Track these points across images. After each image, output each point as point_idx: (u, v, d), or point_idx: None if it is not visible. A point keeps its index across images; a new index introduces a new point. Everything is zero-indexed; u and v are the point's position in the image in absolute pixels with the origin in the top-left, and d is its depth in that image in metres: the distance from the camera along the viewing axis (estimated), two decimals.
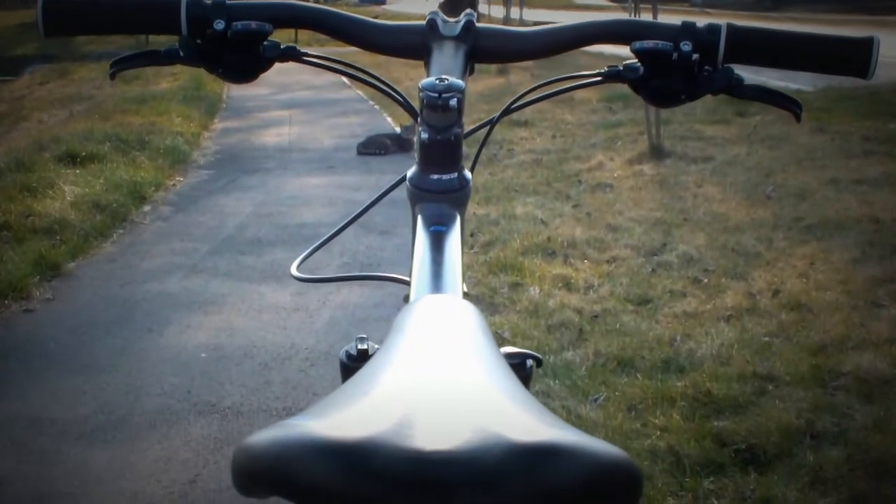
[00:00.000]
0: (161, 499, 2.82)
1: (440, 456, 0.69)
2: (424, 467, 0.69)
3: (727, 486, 2.77)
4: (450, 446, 0.70)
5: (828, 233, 5.28)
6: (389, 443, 0.70)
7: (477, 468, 0.69)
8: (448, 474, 0.69)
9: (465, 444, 0.70)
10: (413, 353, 0.88)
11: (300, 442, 0.72)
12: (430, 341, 0.90)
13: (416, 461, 0.69)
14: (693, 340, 3.81)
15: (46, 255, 5.07)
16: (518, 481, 0.69)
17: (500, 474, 0.69)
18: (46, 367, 3.78)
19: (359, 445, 0.70)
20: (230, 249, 5.40)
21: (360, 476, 0.69)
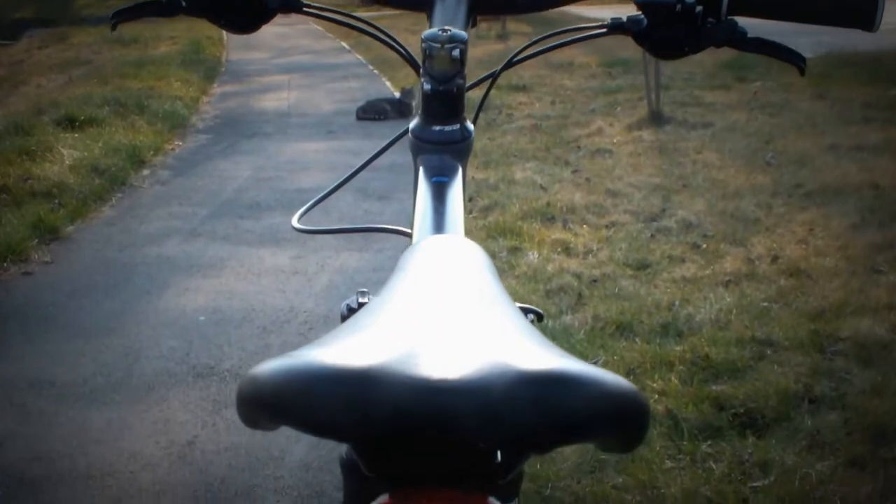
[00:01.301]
0: (159, 459, 2.83)
1: (446, 385, 0.68)
2: (430, 396, 0.68)
3: (725, 449, 2.78)
4: (456, 375, 0.69)
5: (827, 199, 5.26)
6: (395, 371, 0.69)
7: (484, 397, 0.68)
8: (454, 403, 0.68)
9: (471, 373, 0.69)
10: (418, 289, 0.86)
11: (306, 371, 0.71)
12: (434, 277, 0.89)
13: (421, 390, 0.68)
14: (692, 305, 3.81)
15: (45, 218, 5.06)
16: (525, 410, 0.68)
17: (507, 403, 0.68)
18: (45, 329, 3.79)
19: (364, 374, 0.69)
20: (229, 213, 5.39)
21: (365, 404, 0.68)
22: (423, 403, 0.67)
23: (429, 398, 0.67)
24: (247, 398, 0.76)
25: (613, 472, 2.65)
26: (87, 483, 2.72)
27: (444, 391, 0.67)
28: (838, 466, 2.68)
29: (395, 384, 0.68)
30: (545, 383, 0.68)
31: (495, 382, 0.68)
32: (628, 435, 0.75)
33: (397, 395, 0.68)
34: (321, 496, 2.63)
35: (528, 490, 2.54)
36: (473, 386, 0.68)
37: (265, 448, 2.88)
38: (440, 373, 0.68)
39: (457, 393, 0.68)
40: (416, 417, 0.68)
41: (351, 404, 0.68)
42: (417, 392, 0.68)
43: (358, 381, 0.68)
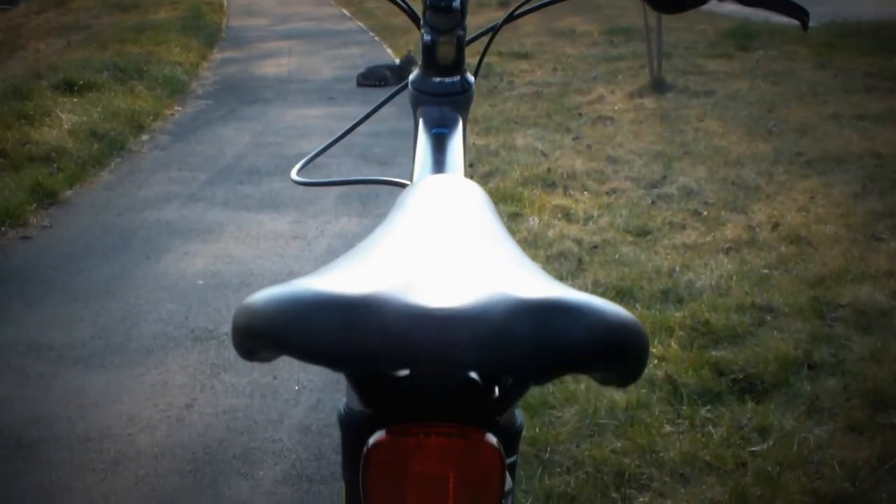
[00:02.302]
0: (158, 422, 2.83)
1: (443, 312, 0.67)
2: (427, 324, 0.67)
3: (724, 414, 2.77)
4: (453, 304, 0.67)
5: (828, 167, 5.24)
6: (392, 299, 0.68)
7: (481, 324, 0.67)
8: (451, 331, 0.67)
9: (469, 302, 0.68)
10: (416, 223, 0.85)
11: (302, 297, 0.70)
12: (433, 213, 0.88)
13: (418, 317, 0.67)
14: (692, 271, 3.80)
15: (44, 182, 5.04)
16: (523, 338, 0.67)
17: (505, 330, 0.67)
18: (44, 293, 3.78)
19: (361, 301, 0.68)
20: (228, 179, 5.37)
21: (361, 331, 0.67)
22: (419, 331, 0.66)
23: (426, 326, 0.66)
24: (243, 327, 0.75)
25: (612, 436, 2.65)
26: (85, 445, 2.71)
27: (442, 319, 0.66)
28: (837, 431, 2.68)
29: (391, 311, 0.67)
30: (544, 311, 0.67)
31: (493, 310, 0.67)
32: (627, 366, 0.74)
33: (394, 322, 0.67)
34: (320, 459, 2.62)
35: (527, 454, 2.54)
36: (471, 314, 0.67)
37: (264, 411, 2.88)
38: (437, 301, 0.67)
39: (454, 320, 0.66)
40: (412, 345, 0.67)
41: (347, 331, 0.67)
42: (414, 320, 0.67)
43: (354, 307, 0.67)
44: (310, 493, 2.47)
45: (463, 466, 0.74)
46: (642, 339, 0.74)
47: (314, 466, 2.59)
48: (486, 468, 0.75)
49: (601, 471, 2.49)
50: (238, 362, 3.17)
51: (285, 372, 3.10)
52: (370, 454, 0.75)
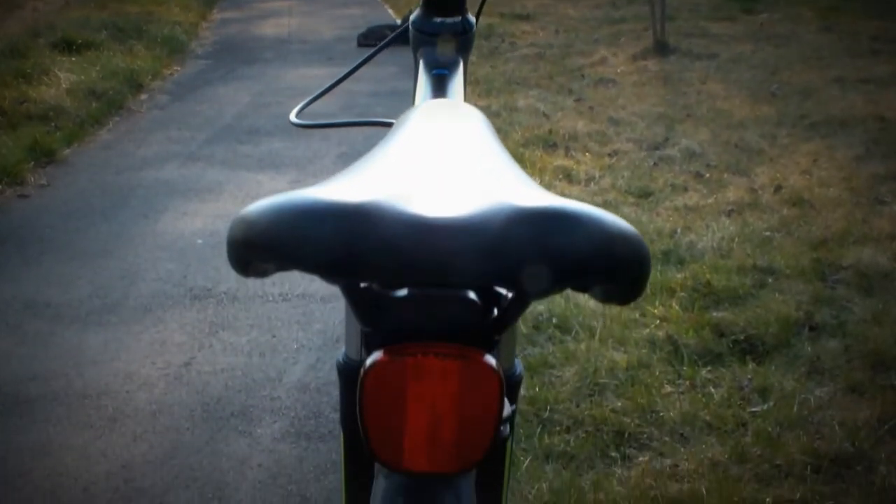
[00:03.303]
0: (156, 380, 2.81)
1: (442, 221, 0.65)
2: (425, 233, 0.65)
3: (724, 375, 2.76)
4: (452, 213, 0.66)
5: (832, 130, 5.21)
6: (390, 208, 0.66)
7: (480, 233, 0.65)
8: (450, 240, 0.65)
9: (468, 211, 0.66)
10: (416, 140, 0.84)
11: (299, 206, 0.68)
12: (434, 130, 0.86)
13: (416, 226, 0.65)
14: (694, 233, 3.78)
15: (41, 141, 5.00)
16: (523, 247, 0.65)
17: (504, 239, 0.65)
18: (41, 251, 3.75)
19: (358, 209, 0.67)
20: (228, 138, 5.34)
21: (359, 240, 0.66)
22: (418, 240, 0.65)
23: (424, 235, 0.65)
24: (238, 238, 0.74)
25: (612, 395, 2.64)
26: (83, 402, 2.70)
27: (441, 228, 0.65)
28: (837, 392, 2.67)
29: (389, 221, 0.65)
30: (544, 221, 0.66)
31: (493, 219, 0.65)
32: (628, 279, 0.72)
33: (391, 231, 0.65)
34: (318, 417, 2.61)
35: (527, 412, 2.53)
36: (470, 223, 0.65)
37: (262, 369, 2.87)
38: (436, 211, 0.66)
39: (453, 230, 0.65)
40: (410, 254, 0.65)
41: (344, 240, 0.65)
42: (413, 229, 0.65)
43: (352, 216, 0.66)
44: (308, 451, 2.46)
45: (461, 387, 0.73)
46: (644, 252, 0.73)
47: (313, 424, 2.58)
48: (484, 389, 0.73)
49: (601, 430, 2.48)
50: (237, 321, 3.16)
51: (284, 331, 3.09)
52: (367, 375, 0.73)
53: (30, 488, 2.33)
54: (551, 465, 2.33)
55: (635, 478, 2.26)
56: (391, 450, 0.75)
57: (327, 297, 3.31)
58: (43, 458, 2.45)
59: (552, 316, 3.06)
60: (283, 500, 2.27)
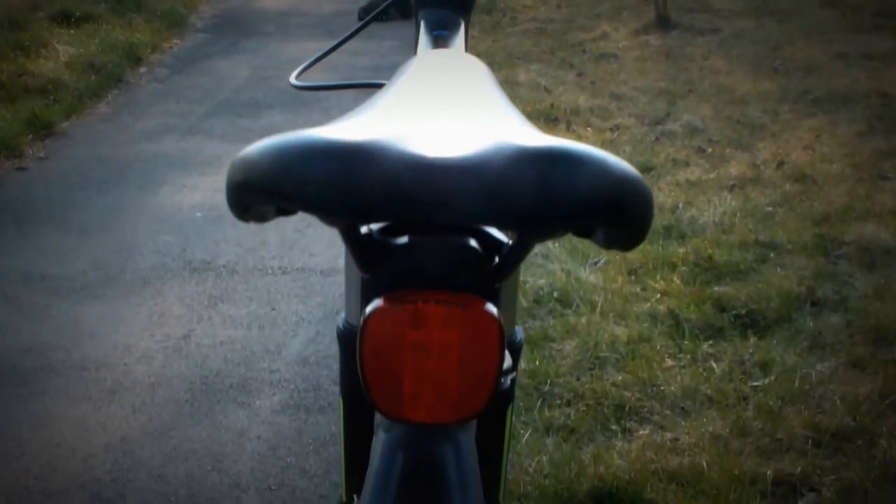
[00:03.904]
0: (154, 353, 2.80)
1: (444, 162, 0.64)
2: (428, 172, 0.64)
3: (726, 349, 2.75)
4: (454, 154, 0.65)
5: (835, 106, 5.18)
6: (392, 148, 0.65)
7: (483, 173, 0.64)
8: (452, 179, 0.64)
9: (470, 152, 0.65)
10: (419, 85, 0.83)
11: (299, 146, 0.67)
12: (436, 77, 0.86)
13: (419, 166, 0.64)
14: (695, 208, 3.76)
15: (39, 114, 4.97)
16: (525, 186, 0.64)
17: (507, 179, 0.64)
18: (39, 224, 3.74)
19: (361, 148, 0.66)
20: (227, 112, 5.31)
21: (360, 179, 0.65)
22: (419, 179, 0.64)
23: (426, 174, 0.64)
24: (237, 180, 0.73)
25: (613, 369, 2.63)
26: (81, 374, 2.69)
27: (442, 167, 0.64)
28: (839, 367, 2.66)
29: (391, 160, 0.64)
30: (547, 161, 0.65)
31: (494, 158, 0.65)
32: (632, 222, 0.72)
33: (393, 170, 0.64)
34: (318, 390, 2.60)
35: (527, 386, 2.52)
36: (471, 161, 0.64)
37: (262, 342, 2.85)
38: (437, 150, 0.65)
39: (455, 169, 0.64)
40: (412, 194, 0.64)
41: (345, 178, 0.64)
42: (414, 168, 0.64)
43: (353, 155, 0.65)
44: (307, 423, 2.45)
45: (462, 336, 0.72)
46: (647, 194, 0.72)
47: (312, 397, 2.57)
48: (485, 338, 0.72)
49: (601, 403, 2.47)
50: (236, 294, 3.14)
51: (283, 304, 3.08)
52: (367, 323, 0.72)
53: (27, 459, 2.32)
54: (551, 438, 2.32)
55: (636, 451, 2.25)
56: (391, 399, 0.74)
57: (327, 270, 3.29)
58: (41, 430, 2.44)
59: (553, 290, 3.05)
60: (281, 472, 2.27)
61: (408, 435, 0.81)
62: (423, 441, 0.81)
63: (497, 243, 0.77)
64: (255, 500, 2.17)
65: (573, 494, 2.08)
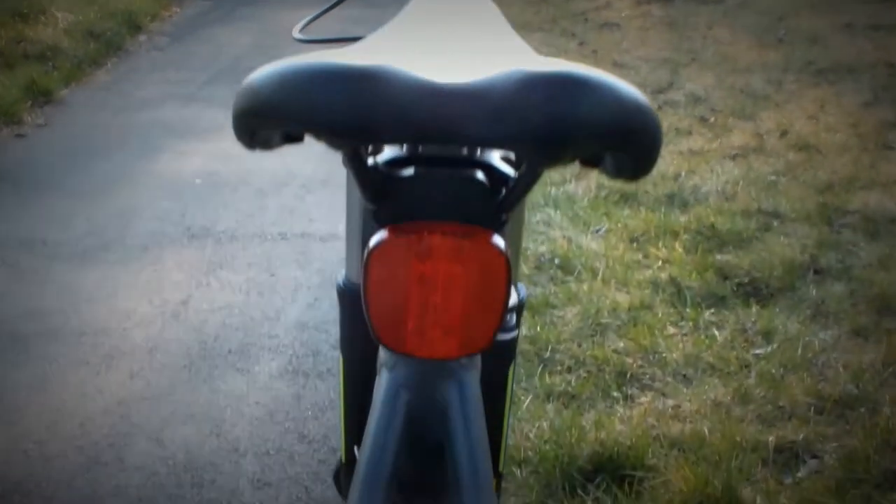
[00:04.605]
0: (153, 318, 2.78)
1: (452, 84, 0.64)
2: (436, 95, 0.64)
3: (728, 317, 2.73)
4: (463, 78, 0.65)
5: (840, 76, 5.14)
6: (401, 73, 0.65)
7: (491, 96, 0.64)
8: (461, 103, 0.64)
9: (478, 77, 0.65)
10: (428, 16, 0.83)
11: (307, 70, 0.67)
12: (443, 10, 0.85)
13: (428, 90, 0.64)
14: (698, 176, 3.74)
15: (38, 81, 4.94)
16: (533, 109, 0.64)
17: (516, 102, 0.64)
18: (38, 190, 3.71)
19: (370, 72, 0.65)
20: (228, 80, 5.27)
21: (369, 101, 0.64)
22: (428, 103, 0.63)
23: (432, 96, 0.63)
24: (245, 105, 0.72)
25: (615, 336, 2.61)
26: (79, 339, 2.68)
27: (449, 90, 0.64)
28: (842, 336, 2.64)
29: (400, 84, 0.64)
30: (554, 84, 0.64)
31: (503, 83, 0.64)
32: (640, 148, 0.71)
33: (402, 93, 0.64)
34: (317, 355, 2.59)
35: (528, 352, 2.50)
36: (480, 86, 0.64)
37: (260, 308, 2.84)
38: (446, 76, 0.64)
39: (462, 91, 0.64)
40: (420, 117, 0.63)
41: (354, 100, 0.64)
42: (421, 91, 0.64)
43: (360, 78, 0.64)
44: (306, 388, 2.44)
45: (467, 267, 0.71)
46: (656, 121, 0.71)
47: (311, 362, 2.56)
48: (491, 270, 0.71)
49: (603, 370, 2.45)
50: (235, 260, 3.12)
51: (283, 270, 3.06)
52: (372, 255, 0.71)
53: (26, 423, 2.31)
54: (552, 404, 2.31)
55: (637, 417, 2.24)
56: (395, 333, 0.73)
57: (326, 236, 3.27)
58: (39, 395, 2.43)
59: (554, 257, 3.03)
60: (280, 437, 2.25)
61: (412, 373, 0.79)
62: (427, 379, 0.80)
63: (503, 176, 0.76)
64: (253, 465, 2.16)
65: (573, 459, 2.07)
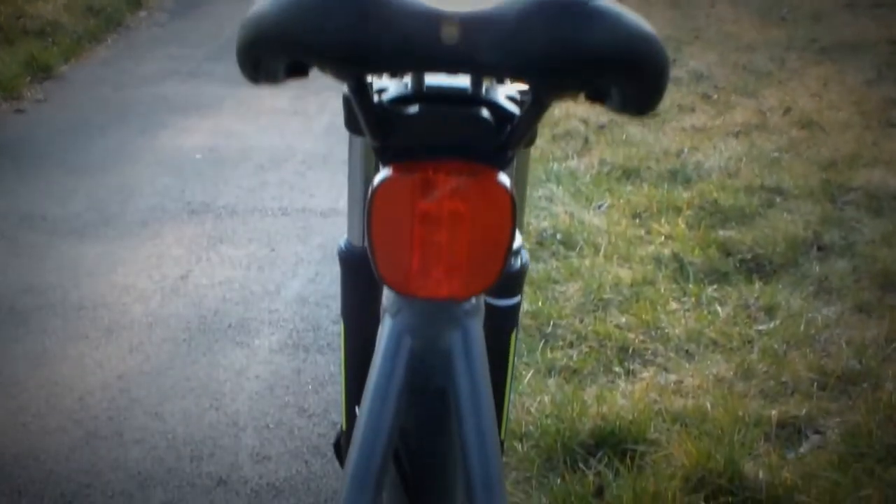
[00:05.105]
0: (152, 293, 2.77)
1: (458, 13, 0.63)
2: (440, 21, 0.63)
3: (730, 293, 2.72)
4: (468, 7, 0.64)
5: (843, 54, 5.12)
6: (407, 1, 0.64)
7: (496, 23, 0.63)
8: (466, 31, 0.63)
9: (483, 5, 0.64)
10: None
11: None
12: None
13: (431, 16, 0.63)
14: (701, 153, 3.72)
15: (38, 56, 4.92)
16: (540, 37, 0.63)
17: (521, 30, 0.63)
18: (37, 166, 3.69)
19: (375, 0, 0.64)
20: (228, 55, 5.21)
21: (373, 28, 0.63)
22: (433, 30, 0.62)
23: (438, 24, 0.62)
24: (249, 35, 0.71)
25: (617, 311, 2.60)
26: (79, 314, 2.66)
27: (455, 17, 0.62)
28: (845, 312, 2.63)
29: (405, 11, 0.63)
30: (560, 12, 0.63)
31: (508, 11, 0.63)
32: (646, 79, 0.70)
33: (407, 21, 0.62)
34: (317, 330, 2.57)
35: (529, 327, 2.49)
36: (486, 14, 0.63)
37: (261, 282, 2.82)
38: (452, 3, 0.63)
39: (468, 20, 0.63)
40: (425, 45, 0.62)
41: (359, 28, 0.63)
42: (426, 18, 0.62)
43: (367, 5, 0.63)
44: (306, 363, 2.42)
45: (472, 206, 0.70)
46: (663, 53, 0.70)
47: (311, 337, 2.54)
48: (496, 209, 0.70)
49: (604, 345, 2.44)
50: (235, 235, 3.11)
51: (283, 245, 3.04)
52: (376, 193, 0.70)
53: (25, 397, 2.29)
54: (554, 378, 2.29)
55: (639, 392, 2.23)
56: (399, 272, 0.72)
57: (327, 211, 3.26)
58: (38, 368, 2.41)
59: (556, 232, 3.01)
60: (279, 410, 2.24)
61: (415, 318, 0.78)
62: (430, 325, 0.79)
63: (508, 114, 0.75)
64: (252, 439, 2.15)
65: (575, 434, 2.06)
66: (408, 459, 0.91)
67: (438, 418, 0.84)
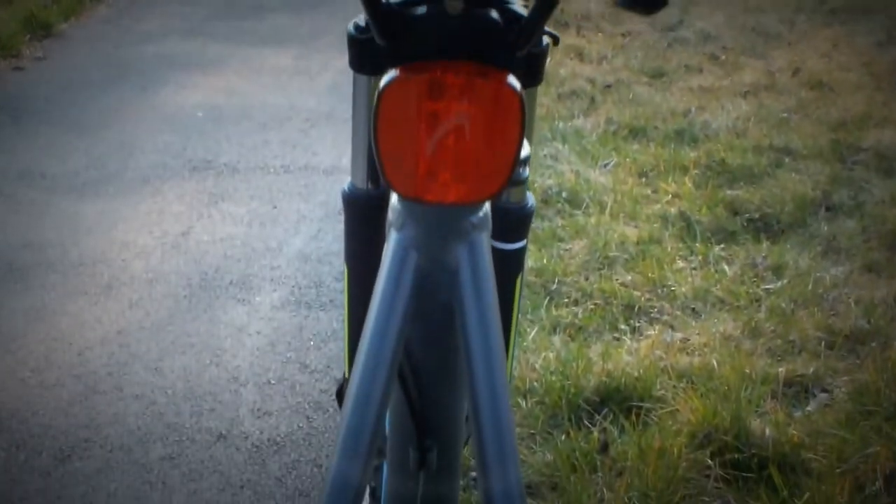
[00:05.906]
0: (153, 249, 2.74)
1: None
2: None
3: (738, 252, 2.68)
4: None
5: (853, 17, 5.06)
6: None
7: None
8: None
9: None
10: None
11: None
12: None
13: None
14: (708, 113, 3.67)
15: (38, 14, 4.86)
16: None
17: None
18: (37, 123, 3.65)
19: None
20: (231, 14, 5.19)
21: None
22: None
23: None
24: None
25: (622, 269, 2.56)
26: (78, 270, 2.63)
27: None
28: (853, 271, 2.60)
29: None
30: None
31: None
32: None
33: None
34: (319, 286, 2.54)
35: (534, 284, 2.46)
36: None
37: (262, 239, 2.79)
38: None
39: None
40: None
41: None
42: None
43: None
44: (308, 319, 2.40)
45: (480, 107, 0.67)
46: None
47: (313, 293, 2.51)
48: (504, 111, 0.67)
49: (610, 303, 2.41)
50: (237, 192, 3.07)
51: (285, 202, 3.01)
52: (383, 95, 0.67)
53: (24, 352, 2.27)
54: (558, 336, 2.27)
55: (644, 349, 2.20)
56: (406, 177, 0.69)
57: (330, 169, 3.22)
58: (37, 324, 2.39)
59: (562, 190, 2.97)
60: (281, 367, 2.22)
61: (421, 230, 0.75)
62: (436, 237, 0.76)
63: (517, 16, 0.71)
64: (253, 394, 2.12)
65: (580, 390, 2.03)
66: (413, 380, 0.88)
67: (445, 337, 0.81)
